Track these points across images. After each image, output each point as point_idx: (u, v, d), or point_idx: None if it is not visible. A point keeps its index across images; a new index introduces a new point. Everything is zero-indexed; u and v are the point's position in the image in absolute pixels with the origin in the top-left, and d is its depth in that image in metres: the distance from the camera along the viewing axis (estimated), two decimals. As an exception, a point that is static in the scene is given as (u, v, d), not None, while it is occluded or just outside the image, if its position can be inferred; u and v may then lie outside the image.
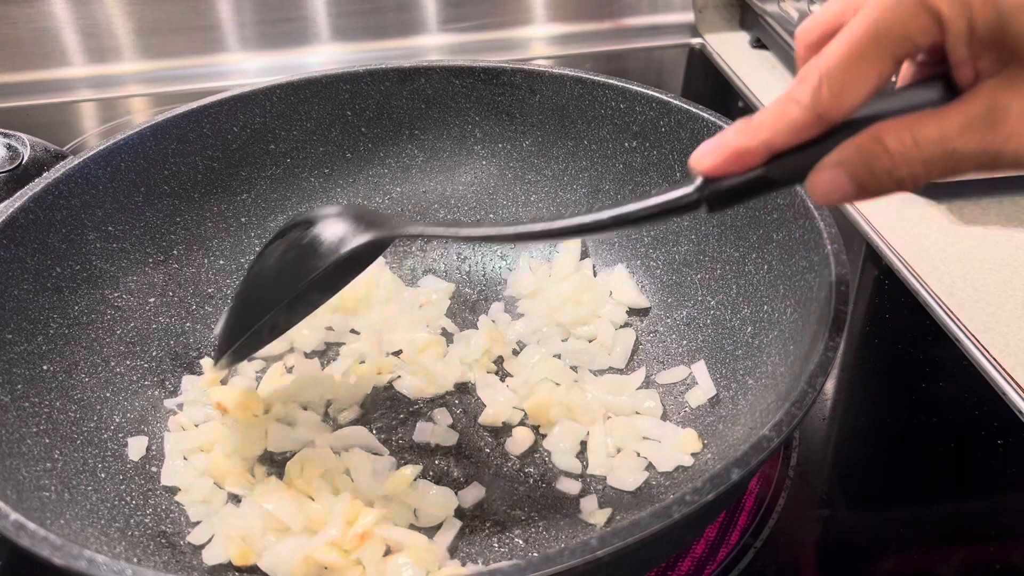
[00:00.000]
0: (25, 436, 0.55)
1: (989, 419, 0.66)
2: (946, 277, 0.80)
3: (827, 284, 0.52)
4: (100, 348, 0.65)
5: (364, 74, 0.77)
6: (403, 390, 0.69)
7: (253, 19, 1.18)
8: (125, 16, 1.15)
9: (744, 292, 0.65)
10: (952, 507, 0.60)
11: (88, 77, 1.17)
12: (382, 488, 0.59)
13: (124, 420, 0.64)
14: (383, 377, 0.69)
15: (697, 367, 0.67)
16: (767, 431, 0.43)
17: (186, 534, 0.58)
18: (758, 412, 0.56)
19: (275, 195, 0.78)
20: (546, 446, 0.64)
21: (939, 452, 0.64)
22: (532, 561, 0.37)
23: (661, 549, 0.51)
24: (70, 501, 0.54)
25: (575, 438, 0.64)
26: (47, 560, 0.40)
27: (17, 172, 0.79)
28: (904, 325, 0.75)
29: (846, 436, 0.67)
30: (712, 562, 0.56)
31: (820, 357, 0.47)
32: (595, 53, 1.25)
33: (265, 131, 0.76)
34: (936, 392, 0.69)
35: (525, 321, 0.74)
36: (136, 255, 0.69)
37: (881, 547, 0.57)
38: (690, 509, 0.39)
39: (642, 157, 0.74)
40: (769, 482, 0.61)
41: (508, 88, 0.77)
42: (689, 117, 0.69)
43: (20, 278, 0.60)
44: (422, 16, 1.22)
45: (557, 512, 0.59)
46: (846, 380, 0.71)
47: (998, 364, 0.70)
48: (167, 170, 0.71)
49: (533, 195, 0.80)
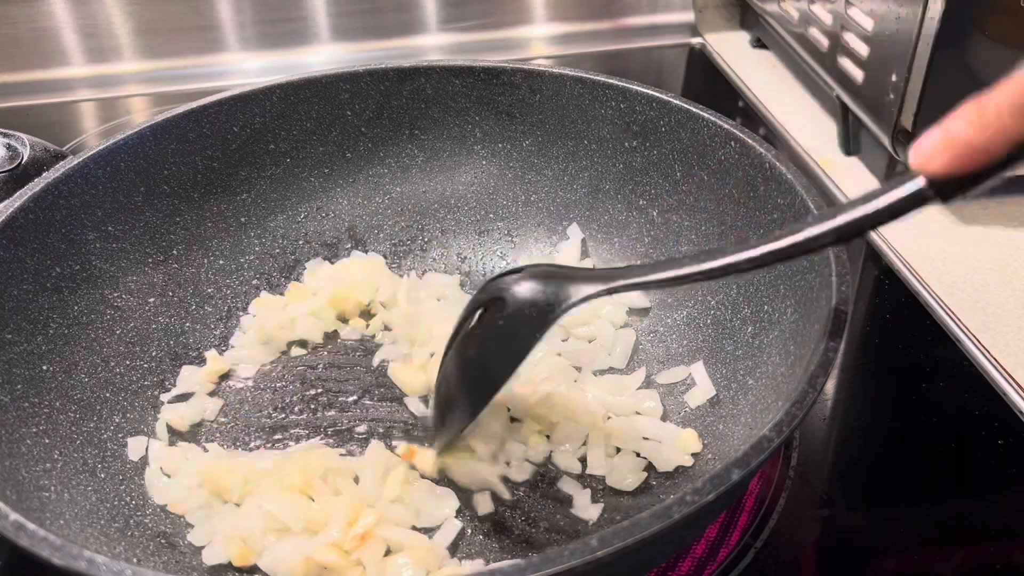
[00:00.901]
0: (25, 436, 0.55)
1: (989, 419, 0.66)
2: (946, 277, 0.80)
3: (827, 284, 0.52)
4: (100, 348, 0.65)
5: (364, 74, 0.77)
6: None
7: (253, 19, 1.18)
8: (125, 16, 1.15)
9: (744, 292, 0.65)
10: (952, 507, 0.60)
11: (88, 77, 1.17)
12: (383, 489, 0.59)
13: (124, 420, 0.64)
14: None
15: (696, 368, 0.67)
16: (767, 431, 0.43)
17: (186, 534, 0.58)
18: (758, 412, 0.56)
19: (275, 195, 0.78)
20: (547, 447, 0.64)
21: (939, 452, 0.64)
22: (532, 561, 0.37)
23: (661, 549, 0.51)
24: (70, 501, 0.54)
25: (577, 438, 0.64)
26: (47, 560, 0.40)
27: (17, 172, 0.79)
28: (904, 325, 0.75)
29: (846, 436, 0.67)
30: (712, 562, 0.56)
31: (820, 357, 0.47)
32: (595, 53, 1.25)
33: (265, 131, 0.76)
34: (936, 392, 0.69)
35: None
36: (136, 255, 0.69)
37: (881, 547, 0.57)
38: (690, 509, 0.39)
39: (642, 157, 0.74)
40: (769, 482, 0.61)
41: (508, 88, 0.77)
42: (689, 117, 0.69)
43: (20, 278, 0.60)
44: (422, 16, 1.22)
45: (557, 512, 0.59)
46: (846, 380, 0.71)
47: (998, 364, 0.70)
48: (167, 170, 0.71)
49: (533, 195, 0.80)
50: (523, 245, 0.81)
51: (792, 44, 1.08)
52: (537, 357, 0.69)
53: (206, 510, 0.59)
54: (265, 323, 0.73)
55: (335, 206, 0.81)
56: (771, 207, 0.62)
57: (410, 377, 0.68)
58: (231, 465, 0.60)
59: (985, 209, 0.88)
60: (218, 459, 0.62)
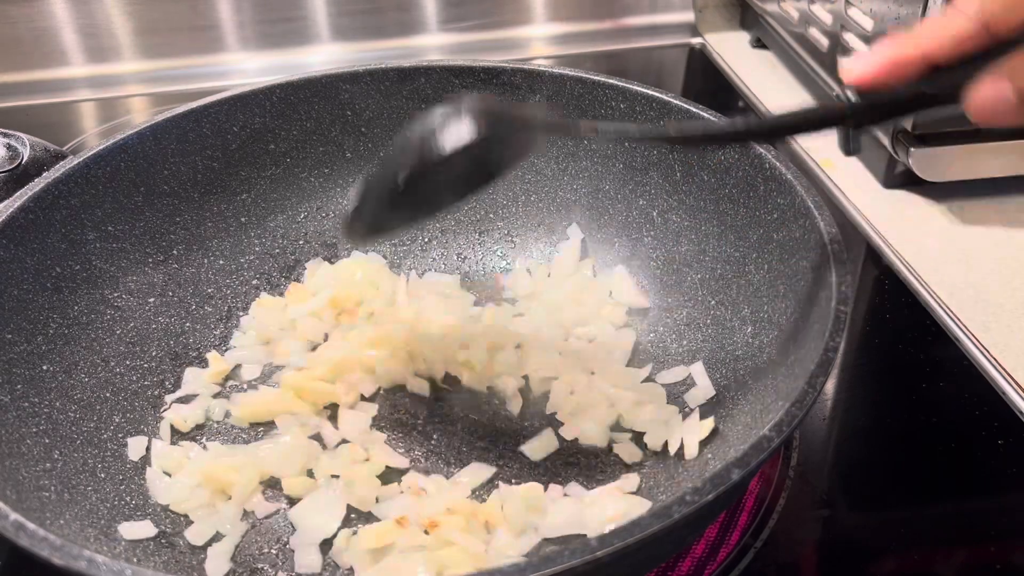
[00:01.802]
0: (25, 436, 0.55)
1: (989, 419, 0.66)
2: (946, 277, 0.80)
3: (827, 283, 0.52)
4: (100, 348, 0.65)
5: (364, 74, 0.77)
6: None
7: (253, 19, 1.18)
8: (125, 16, 1.15)
9: (744, 292, 0.65)
10: (952, 507, 0.60)
11: (88, 77, 1.17)
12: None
13: (124, 420, 0.64)
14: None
15: (695, 368, 0.67)
16: (767, 431, 0.43)
17: (185, 533, 0.58)
18: (758, 412, 0.56)
19: (275, 195, 0.78)
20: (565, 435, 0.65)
21: (939, 452, 0.64)
22: (532, 561, 0.37)
23: (661, 549, 0.51)
24: (70, 501, 0.54)
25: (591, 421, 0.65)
26: (47, 560, 0.40)
27: (17, 172, 0.79)
28: (904, 325, 0.75)
29: (846, 436, 0.67)
30: (712, 562, 0.56)
31: (820, 357, 0.47)
32: (595, 53, 1.25)
33: (265, 131, 0.76)
34: (936, 392, 0.69)
35: (524, 321, 0.74)
36: (136, 255, 0.69)
37: (881, 547, 0.57)
38: (690, 509, 0.39)
39: (642, 157, 0.74)
40: (769, 482, 0.61)
41: (508, 88, 0.77)
42: (689, 117, 0.69)
43: (20, 278, 0.60)
44: (422, 16, 1.22)
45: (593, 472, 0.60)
46: (846, 380, 0.71)
47: (998, 364, 0.70)
48: (167, 170, 0.71)
49: (533, 195, 0.80)
50: (523, 245, 0.81)
51: (792, 44, 1.08)
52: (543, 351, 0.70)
53: (208, 508, 0.59)
54: (265, 324, 0.73)
55: (335, 206, 0.81)
56: (771, 207, 0.62)
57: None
58: (233, 462, 0.60)
59: (985, 209, 0.88)
60: (219, 457, 0.62)
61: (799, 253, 0.58)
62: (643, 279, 0.75)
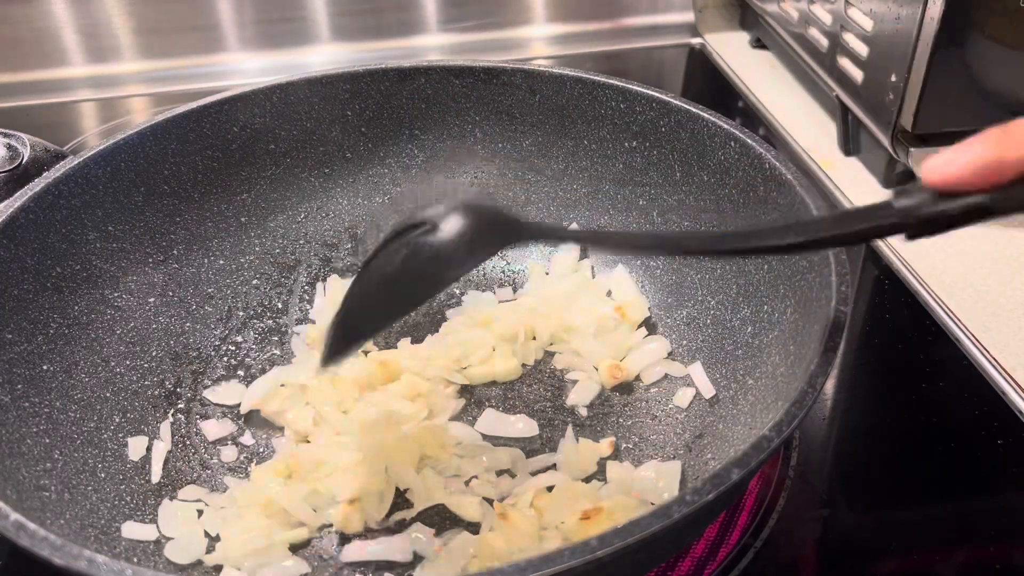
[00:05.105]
0: (25, 436, 0.55)
1: (989, 419, 0.66)
2: (946, 277, 0.80)
3: (827, 284, 0.52)
4: (100, 348, 0.65)
5: (364, 74, 0.77)
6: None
7: (253, 19, 1.18)
8: (125, 16, 1.15)
9: (744, 292, 0.65)
10: (952, 507, 0.60)
11: (88, 77, 1.17)
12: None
13: (124, 420, 0.64)
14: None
15: (693, 368, 0.67)
16: (767, 431, 0.43)
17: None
18: (758, 412, 0.56)
19: (275, 195, 0.78)
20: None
21: (939, 452, 0.64)
22: (532, 561, 0.37)
23: (661, 549, 0.51)
24: (70, 501, 0.54)
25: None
26: (47, 560, 0.40)
27: (17, 172, 0.79)
28: (904, 325, 0.75)
29: (846, 436, 0.67)
30: (712, 562, 0.56)
31: (820, 357, 0.47)
32: (595, 53, 1.25)
33: (265, 131, 0.76)
34: (936, 392, 0.69)
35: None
36: (136, 255, 0.69)
37: (881, 547, 0.57)
38: (690, 509, 0.39)
39: (642, 157, 0.74)
40: (769, 482, 0.61)
41: (508, 88, 0.77)
42: (689, 117, 0.69)
43: (20, 278, 0.60)
44: (422, 16, 1.22)
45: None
46: (846, 380, 0.71)
47: (998, 364, 0.70)
48: (167, 170, 0.71)
49: (533, 195, 0.80)
50: (523, 245, 0.81)
51: (792, 44, 1.08)
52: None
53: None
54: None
55: (335, 206, 0.81)
56: (771, 207, 0.62)
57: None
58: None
59: (985, 209, 0.88)
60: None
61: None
62: (643, 279, 0.75)
